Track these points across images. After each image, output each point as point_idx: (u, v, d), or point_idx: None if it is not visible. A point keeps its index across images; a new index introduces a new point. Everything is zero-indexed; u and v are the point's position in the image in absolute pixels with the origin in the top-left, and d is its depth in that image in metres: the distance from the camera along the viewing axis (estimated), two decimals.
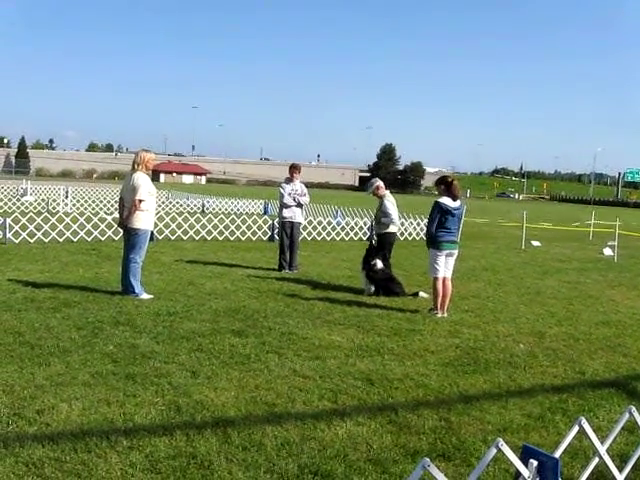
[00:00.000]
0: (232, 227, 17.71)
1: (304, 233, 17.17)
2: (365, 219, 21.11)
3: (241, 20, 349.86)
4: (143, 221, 8.74)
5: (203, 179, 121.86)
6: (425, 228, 10.15)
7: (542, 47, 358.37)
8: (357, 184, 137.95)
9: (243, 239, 17.43)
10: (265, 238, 17.69)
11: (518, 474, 2.53)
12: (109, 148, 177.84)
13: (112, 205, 27.72)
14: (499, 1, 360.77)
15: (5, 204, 26.03)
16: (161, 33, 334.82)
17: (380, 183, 11.10)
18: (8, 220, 14.21)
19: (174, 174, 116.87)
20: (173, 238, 16.60)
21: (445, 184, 8.55)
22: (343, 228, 19.84)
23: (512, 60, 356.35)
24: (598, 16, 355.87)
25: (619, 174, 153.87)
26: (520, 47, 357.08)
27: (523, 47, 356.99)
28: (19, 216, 15.06)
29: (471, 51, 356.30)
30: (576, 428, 2.73)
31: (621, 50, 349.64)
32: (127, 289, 8.69)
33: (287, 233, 11.97)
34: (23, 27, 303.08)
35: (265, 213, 28.45)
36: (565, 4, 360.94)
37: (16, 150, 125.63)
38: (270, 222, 18.03)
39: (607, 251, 17.87)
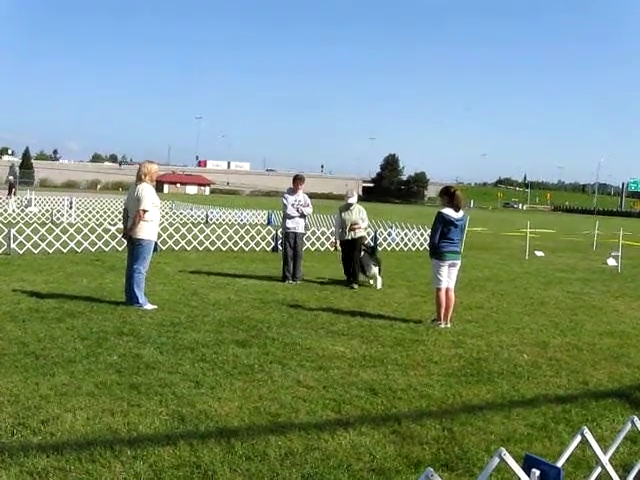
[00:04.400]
0: (236, 238, 17.73)
1: (307, 244, 17.20)
2: (369, 230, 21.05)
3: (245, 30, 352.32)
4: (147, 232, 8.78)
5: (207, 190, 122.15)
6: (428, 239, 10.16)
7: (545, 57, 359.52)
8: (361, 194, 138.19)
9: (247, 250, 17.44)
10: (268, 249, 17.71)
11: None
12: (113, 159, 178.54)
13: (116, 216, 27.81)
14: (502, 10, 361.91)
15: (9, 215, 26.14)
16: (164, 43, 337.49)
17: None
18: (12, 231, 14.27)
19: (178, 185, 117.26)
20: (177, 249, 16.64)
21: (448, 195, 8.58)
22: None
23: (516, 70, 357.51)
24: (602, 26, 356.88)
25: (623, 184, 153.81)
26: (523, 57, 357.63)
27: (526, 57, 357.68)
28: (23, 227, 15.08)
29: (473, 61, 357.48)
30: (579, 438, 2.73)
31: (625, 61, 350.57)
32: (131, 299, 8.72)
33: (290, 244, 11.99)
34: (27, 38, 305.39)
35: (269, 223, 28.45)
36: (569, 14, 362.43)
37: (20, 161, 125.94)
38: (273, 232, 18.06)
39: (611, 261, 17.84)
